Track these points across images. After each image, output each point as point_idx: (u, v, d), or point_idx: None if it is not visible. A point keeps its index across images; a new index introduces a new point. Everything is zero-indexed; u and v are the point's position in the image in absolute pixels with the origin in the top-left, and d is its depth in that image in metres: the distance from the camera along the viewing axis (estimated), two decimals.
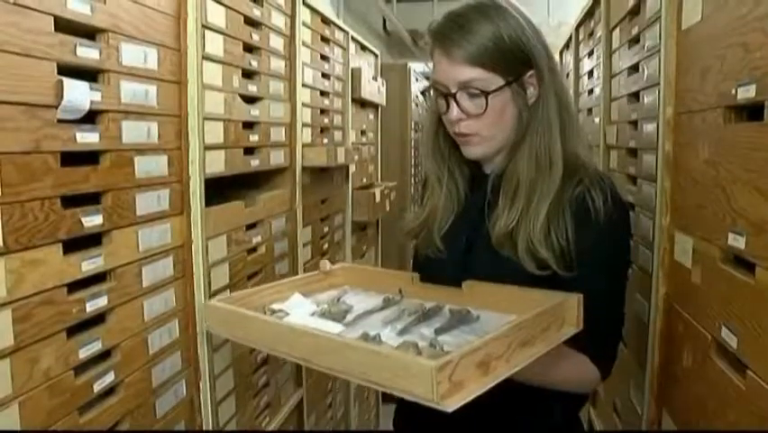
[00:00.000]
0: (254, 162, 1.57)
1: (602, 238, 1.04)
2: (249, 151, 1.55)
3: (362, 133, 2.78)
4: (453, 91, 1.07)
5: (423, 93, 1.21)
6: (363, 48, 2.82)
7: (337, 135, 2.36)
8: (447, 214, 1.18)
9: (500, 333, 0.80)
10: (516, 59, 1.06)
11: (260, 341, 0.94)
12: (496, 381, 0.76)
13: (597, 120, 2.12)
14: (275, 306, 1.06)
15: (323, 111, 2.16)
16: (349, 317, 1.02)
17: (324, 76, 2.17)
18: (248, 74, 1.54)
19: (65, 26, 0.90)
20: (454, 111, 1.08)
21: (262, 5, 1.59)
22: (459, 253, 1.14)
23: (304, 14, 1.91)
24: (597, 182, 1.06)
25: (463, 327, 0.98)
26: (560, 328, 0.93)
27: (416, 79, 3.88)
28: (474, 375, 0.74)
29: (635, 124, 1.61)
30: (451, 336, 0.94)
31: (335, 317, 1.01)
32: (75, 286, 0.94)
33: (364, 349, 0.78)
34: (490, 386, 0.75)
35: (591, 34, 2.27)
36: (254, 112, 1.56)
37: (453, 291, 1.09)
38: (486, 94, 1.05)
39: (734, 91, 0.95)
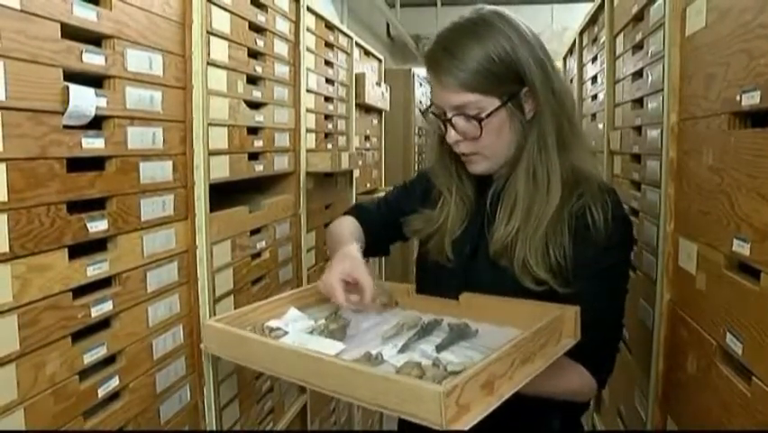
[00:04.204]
0: (258, 168, 1.58)
1: (600, 255, 1.04)
2: (253, 156, 1.55)
3: (366, 138, 2.79)
4: (449, 116, 1.08)
5: (423, 113, 1.22)
6: (367, 53, 2.83)
7: (341, 140, 2.36)
8: (459, 222, 1.19)
9: (502, 352, 0.80)
10: (509, 78, 1.05)
11: (261, 363, 0.93)
12: (500, 400, 0.76)
13: (600, 126, 2.12)
14: (272, 323, 1.05)
15: (327, 116, 2.16)
16: (348, 333, 1.02)
17: (329, 81, 2.18)
18: (252, 80, 1.54)
19: (71, 33, 0.90)
20: (452, 134, 1.09)
21: (267, 11, 1.59)
22: (464, 260, 1.14)
23: (308, 20, 1.91)
24: (599, 198, 1.06)
25: (463, 343, 0.99)
26: (558, 341, 0.93)
27: (420, 84, 3.88)
28: (479, 396, 0.74)
29: (638, 129, 1.61)
30: (451, 353, 0.94)
31: (334, 334, 1.01)
32: (80, 291, 0.94)
33: (370, 374, 0.77)
34: (495, 406, 0.75)
35: (595, 40, 2.27)
36: (259, 117, 1.56)
37: (450, 303, 1.09)
38: (479, 120, 1.05)
39: (738, 97, 0.95)
